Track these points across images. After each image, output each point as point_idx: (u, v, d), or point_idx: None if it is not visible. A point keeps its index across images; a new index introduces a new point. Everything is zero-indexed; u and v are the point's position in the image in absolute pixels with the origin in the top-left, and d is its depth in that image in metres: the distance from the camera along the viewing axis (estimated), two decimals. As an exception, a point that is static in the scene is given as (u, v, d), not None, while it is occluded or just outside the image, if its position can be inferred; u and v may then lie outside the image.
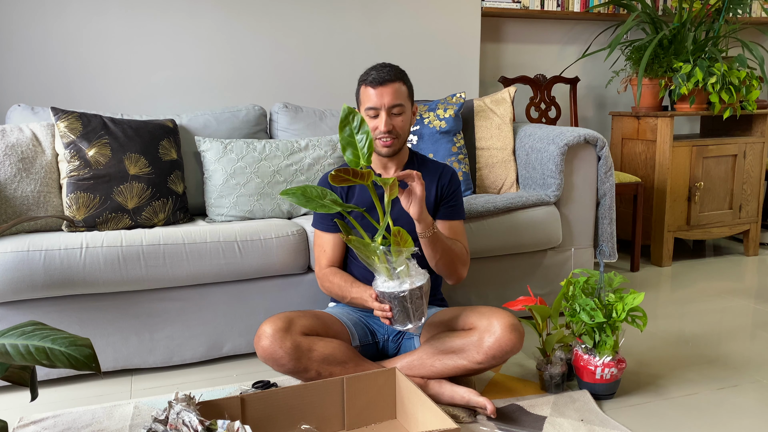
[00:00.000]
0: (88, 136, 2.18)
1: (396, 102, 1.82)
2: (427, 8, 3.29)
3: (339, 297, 1.89)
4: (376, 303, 1.63)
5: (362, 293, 1.76)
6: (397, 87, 1.82)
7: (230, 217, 2.33)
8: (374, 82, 1.81)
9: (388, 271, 1.59)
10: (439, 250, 1.78)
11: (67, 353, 1.25)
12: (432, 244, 1.76)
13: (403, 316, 1.60)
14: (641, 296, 1.82)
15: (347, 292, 1.83)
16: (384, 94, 1.80)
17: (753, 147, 3.41)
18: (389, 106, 1.81)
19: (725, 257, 3.50)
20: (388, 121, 1.81)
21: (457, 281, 1.89)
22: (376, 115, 1.83)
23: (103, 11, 2.82)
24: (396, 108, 1.82)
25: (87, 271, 1.94)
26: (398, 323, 1.61)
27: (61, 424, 1.74)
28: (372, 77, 1.82)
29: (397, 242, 1.56)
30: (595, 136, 2.56)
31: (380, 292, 1.60)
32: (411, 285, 1.57)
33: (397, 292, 1.57)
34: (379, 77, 1.81)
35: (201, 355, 2.14)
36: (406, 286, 1.57)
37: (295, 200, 1.59)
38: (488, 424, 1.72)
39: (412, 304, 1.58)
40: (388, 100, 1.81)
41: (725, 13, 3.43)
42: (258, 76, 3.07)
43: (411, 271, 1.59)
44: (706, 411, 1.80)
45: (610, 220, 2.64)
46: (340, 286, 1.86)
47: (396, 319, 1.61)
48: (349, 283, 1.84)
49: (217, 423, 1.40)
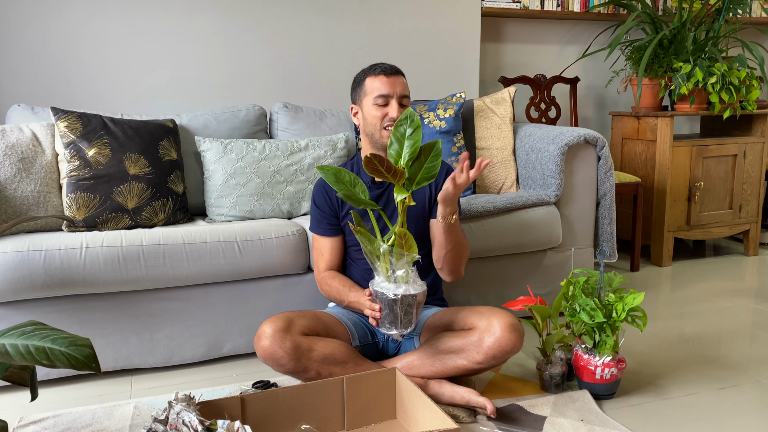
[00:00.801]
0: (88, 136, 2.18)
1: (406, 93, 1.89)
2: (427, 8, 3.29)
3: (337, 301, 1.90)
4: (368, 300, 1.65)
5: (359, 297, 1.76)
6: (404, 80, 1.91)
7: (230, 217, 2.33)
8: (386, 71, 1.88)
9: (387, 272, 1.59)
10: (453, 241, 1.80)
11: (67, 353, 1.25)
12: (448, 232, 1.77)
13: (390, 319, 1.60)
14: (641, 296, 1.82)
15: (345, 296, 1.84)
16: (396, 83, 1.88)
17: (753, 147, 3.41)
18: (400, 95, 1.88)
19: (725, 257, 3.50)
20: (400, 109, 1.86)
21: (456, 278, 1.89)
22: (386, 103, 1.87)
23: (102, 11, 2.82)
24: (405, 99, 1.89)
25: (87, 271, 1.94)
26: (384, 326, 1.62)
27: (61, 424, 1.74)
28: (381, 68, 1.89)
29: (401, 245, 1.56)
30: (595, 136, 2.56)
31: (374, 290, 1.61)
32: (405, 291, 1.57)
33: (391, 295, 1.57)
34: (389, 68, 1.89)
35: (201, 355, 2.15)
36: (400, 290, 1.57)
37: (327, 177, 1.60)
38: (488, 424, 1.72)
39: (401, 311, 1.58)
40: (399, 89, 1.88)
41: (725, 13, 3.43)
42: (258, 76, 3.07)
43: (409, 278, 1.60)
44: (706, 411, 1.80)
45: (610, 220, 2.64)
46: (338, 290, 1.87)
47: (383, 321, 1.62)
48: (348, 287, 1.85)
49: (217, 423, 1.40)
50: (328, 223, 1.94)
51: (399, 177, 1.57)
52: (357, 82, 1.93)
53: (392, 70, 1.89)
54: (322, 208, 1.94)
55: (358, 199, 1.61)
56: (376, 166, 1.53)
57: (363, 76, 1.91)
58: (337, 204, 1.93)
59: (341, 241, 1.96)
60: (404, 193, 1.59)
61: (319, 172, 1.61)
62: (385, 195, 1.93)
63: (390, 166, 1.55)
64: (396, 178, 1.57)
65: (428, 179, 1.61)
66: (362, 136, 1.95)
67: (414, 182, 1.62)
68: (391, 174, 1.56)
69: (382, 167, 1.54)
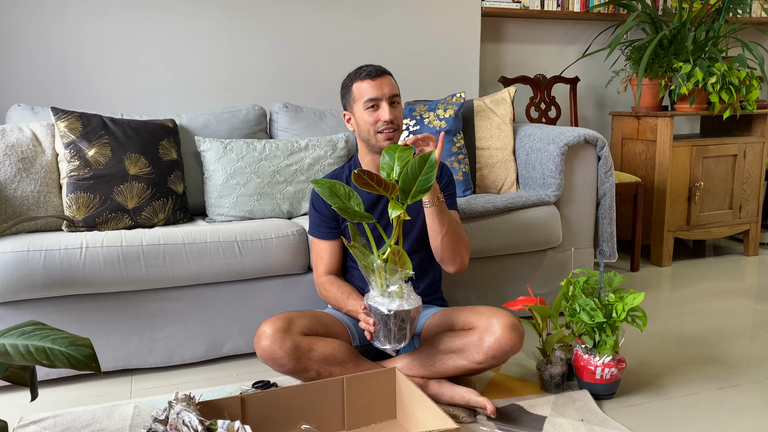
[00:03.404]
0: (88, 136, 2.18)
1: (395, 92, 1.86)
2: (427, 8, 3.29)
3: (336, 308, 1.92)
4: (362, 314, 1.65)
5: (357, 307, 1.77)
6: (392, 79, 1.87)
7: (230, 217, 2.33)
8: (371, 74, 1.84)
9: (382, 287, 1.59)
10: (446, 223, 1.79)
11: (67, 353, 1.25)
12: (439, 215, 1.77)
13: (384, 334, 1.60)
14: (641, 296, 1.82)
15: (343, 304, 1.85)
16: (383, 84, 1.83)
17: (753, 147, 3.41)
18: (390, 96, 1.83)
19: (725, 257, 3.50)
20: (391, 110, 1.82)
21: (460, 267, 1.87)
22: (375, 106, 1.82)
23: (103, 11, 2.82)
24: (395, 98, 1.85)
25: (87, 271, 1.94)
26: (377, 340, 1.62)
27: (61, 424, 1.74)
28: (366, 72, 1.85)
29: (394, 261, 1.55)
30: (595, 136, 2.56)
31: (369, 304, 1.61)
32: (399, 306, 1.56)
33: (384, 310, 1.57)
34: (374, 70, 1.85)
35: (201, 355, 2.15)
36: (394, 306, 1.56)
37: (322, 191, 1.53)
38: (488, 424, 1.72)
39: (395, 326, 1.58)
40: (387, 90, 1.83)
41: (725, 13, 3.43)
42: (258, 76, 3.07)
43: (403, 293, 1.59)
44: (706, 411, 1.80)
45: (610, 220, 2.64)
46: (336, 298, 1.88)
47: (377, 335, 1.61)
48: (346, 295, 1.86)
49: (217, 423, 1.40)
50: (328, 227, 1.94)
51: (391, 191, 1.52)
52: (345, 87, 1.90)
53: (377, 71, 1.84)
54: (322, 212, 1.94)
55: (354, 212, 1.55)
56: (366, 180, 1.48)
57: (350, 82, 1.88)
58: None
59: (340, 244, 1.96)
60: (399, 209, 1.52)
61: (314, 187, 1.55)
62: (382, 202, 1.92)
63: (380, 180, 1.50)
64: (388, 191, 1.52)
65: (423, 192, 1.54)
66: (358, 141, 1.93)
67: (409, 196, 1.55)
68: (382, 188, 1.51)
69: (373, 181, 1.49)
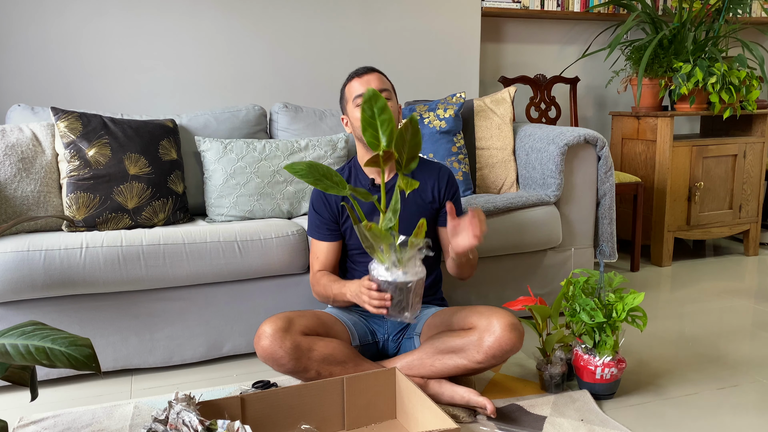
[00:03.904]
0: (88, 136, 2.19)
1: (384, 87, 1.88)
2: (427, 8, 3.29)
3: (324, 297, 1.91)
4: (374, 292, 1.58)
5: (341, 288, 1.79)
6: (381, 76, 1.90)
7: (230, 217, 2.33)
8: (358, 73, 1.90)
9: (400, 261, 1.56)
10: (466, 266, 1.86)
11: (67, 353, 1.25)
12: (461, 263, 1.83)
13: (402, 306, 1.58)
14: (641, 296, 1.82)
15: (329, 290, 1.86)
16: (370, 80, 1.87)
17: (753, 147, 3.41)
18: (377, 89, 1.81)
19: (725, 257, 3.50)
20: None
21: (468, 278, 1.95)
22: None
23: (103, 11, 2.82)
24: (384, 92, 1.85)
25: (87, 271, 1.94)
26: (394, 313, 1.59)
27: (61, 424, 1.74)
28: (355, 72, 1.91)
29: (416, 234, 1.56)
30: (595, 136, 2.56)
31: (384, 281, 1.56)
32: (415, 276, 1.56)
33: (404, 282, 1.55)
34: (363, 69, 1.91)
35: (201, 355, 2.14)
36: (411, 276, 1.56)
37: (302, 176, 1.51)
38: (488, 424, 1.72)
39: (414, 295, 1.58)
40: (374, 84, 1.86)
41: (725, 13, 3.43)
42: (258, 76, 3.07)
43: (417, 262, 1.59)
44: (706, 411, 1.80)
45: (610, 220, 2.64)
46: (324, 285, 1.89)
47: (393, 308, 1.58)
48: (333, 281, 1.87)
49: (217, 423, 1.40)
50: (328, 229, 1.94)
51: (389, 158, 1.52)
52: (341, 92, 1.96)
53: (364, 69, 1.90)
54: (322, 213, 1.94)
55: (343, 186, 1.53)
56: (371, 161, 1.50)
57: (343, 86, 1.94)
58: (337, 210, 1.93)
59: (339, 245, 1.97)
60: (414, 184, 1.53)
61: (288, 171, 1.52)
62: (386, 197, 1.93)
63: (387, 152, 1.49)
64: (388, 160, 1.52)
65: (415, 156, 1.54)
66: (356, 142, 1.96)
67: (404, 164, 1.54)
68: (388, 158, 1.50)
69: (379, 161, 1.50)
